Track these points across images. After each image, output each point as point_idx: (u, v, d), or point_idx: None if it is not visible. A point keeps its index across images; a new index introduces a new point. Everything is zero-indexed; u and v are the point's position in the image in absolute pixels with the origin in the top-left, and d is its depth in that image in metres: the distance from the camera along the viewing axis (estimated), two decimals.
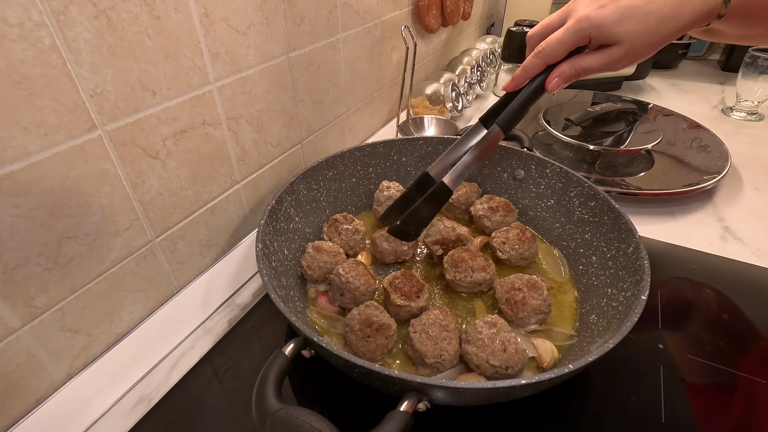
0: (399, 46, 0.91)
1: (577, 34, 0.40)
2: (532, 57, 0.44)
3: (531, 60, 0.44)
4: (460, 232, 0.55)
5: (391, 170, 0.69)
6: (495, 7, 1.60)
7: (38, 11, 0.32)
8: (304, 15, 0.59)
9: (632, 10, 0.38)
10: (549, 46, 0.42)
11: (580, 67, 0.43)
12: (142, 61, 0.40)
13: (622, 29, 0.39)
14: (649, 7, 0.38)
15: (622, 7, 0.38)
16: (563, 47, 0.42)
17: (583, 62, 0.42)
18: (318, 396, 0.44)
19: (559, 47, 0.42)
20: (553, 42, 0.42)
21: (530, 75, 0.45)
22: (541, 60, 0.43)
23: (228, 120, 0.52)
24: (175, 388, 0.44)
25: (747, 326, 0.51)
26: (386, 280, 0.48)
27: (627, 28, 0.39)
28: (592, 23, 0.39)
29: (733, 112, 1.04)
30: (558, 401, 0.42)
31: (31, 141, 0.34)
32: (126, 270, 0.44)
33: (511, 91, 0.47)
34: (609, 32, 0.39)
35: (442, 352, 0.41)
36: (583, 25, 0.40)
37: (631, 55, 0.40)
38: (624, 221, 0.49)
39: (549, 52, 0.42)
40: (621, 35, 0.39)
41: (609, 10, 0.39)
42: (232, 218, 0.57)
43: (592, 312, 0.48)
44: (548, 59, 0.43)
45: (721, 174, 0.72)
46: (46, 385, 0.40)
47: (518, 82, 0.46)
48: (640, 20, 0.38)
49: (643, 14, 0.38)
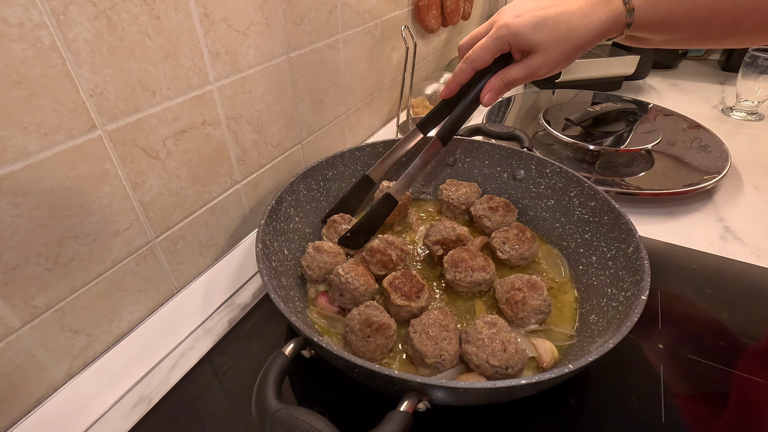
0: (399, 46, 0.91)
1: (498, 41, 0.44)
2: (461, 64, 0.47)
3: (460, 66, 0.48)
4: (460, 232, 0.55)
5: (391, 170, 0.69)
6: (495, 7, 1.60)
7: (38, 11, 0.32)
8: (304, 15, 0.59)
9: (544, 20, 0.41)
10: (475, 53, 0.46)
11: (507, 79, 0.46)
12: (142, 61, 0.40)
13: (536, 37, 0.42)
14: (559, 17, 0.41)
15: (535, 17, 0.42)
16: (487, 53, 0.45)
17: (509, 74, 0.46)
18: (318, 396, 0.44)
19: (483, 53, 0.45)
20: (478, 49, 0.45)
21: (461, 81, 0.48)
22: (468, 66, 0.47)
23: (228, 120, 0.52)
24: (175, 388, 0.44)
25: (747, 326, 0.51)
26: (386, 281, 0.48)
27: (540, 36, 0.42)
28: (510, 31, 0.43)
29: (733, 112, 1.04)
30: (558, 401, 0.42)
31: (31, 141, 0.34)
32: (126, 270, 0.44)
33: (445, 97, 0.51)
34: (525, 40, 0.42)
35: (442, 352, 0.41)
36: (502, 32, 0.43)
37: (549, 63, 0.43)
38: (624, 221, 0.49)
39: (474, 57, 0.46)
40: (536, 43, 0.42)
41: (524, 20, 0.42)
42: (232, 218, 0.57)
43: (592, 312, 0.48)
44: (475, 65, 0.47)
45: (721, 174, 0.72)
46: (46, 385, 0.40)
47: (451, 88, 0.50)
48: (551, 29, 0.42)
49: (554, 24, 0.41)
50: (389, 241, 0.53)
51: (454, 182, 0.66)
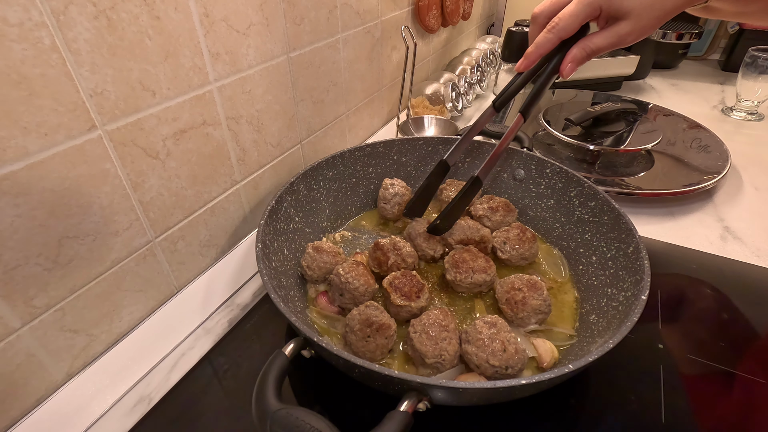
0: (399, 46, 0.91)
1: (589, 6, 0.41)
2: (546, 33, 0.44)
3: (545, 35, 0.44)
4: (484, 234, 0.56)
5: (391, 170, 0.69)
6: (495, 7, 1.60)
7: (38, 11, 0.32)
8: (304, 15, 0.59)
9: None
10: (563, 20, 0.43)
11: (590, 48, 0.43)
12: (142, 61, 0.40)
13: (629, 2, 0.40)
14: None
15: None
16: (577, 20, 0.42)
17: (592, 43, 0.43)
18: (318, 396, 0.44)
19: (573, 20, 0.42)
20: (567, 15, 0.42)
21: (544, 51, 0.45)
22: (554, 35, 0.43)
23: (228, 120, 0.52)
24: (175, 388, 0.44)
25: (747, 326, 0.51)
26: (386, 281, 0.48)
27: (634, 1, 0.39)
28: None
29: (733, 112, 1.04)
30: (558, 401, 0.42)
31: (31, 141, 0.34)
32: (126, 270, 0.44)
33: (524, 70, 0.48)
34: (618, 4, 0.40)
35: (442, 352, 0.41)
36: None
37: (638, 30, 0.41)
38: (624, 221, 0.49)
39: (563, 26, 0.43)
40: (629, 7, 0.40)
41: None
42: (232, 218, 0.57)
43: (592, 312, 0.48)
44: (562, 33, 0.43)
45: (721, 174, 0.72)
46: (46, 385, 0.40)
47: (532, 59, 0.46)
48: None
49: None
50: (396, 247, 0.53)
51: (455, 182, 0.66)
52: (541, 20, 0.46)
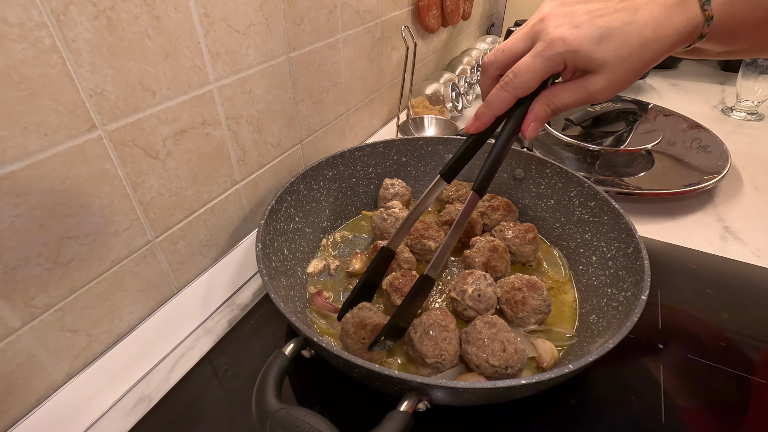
0: (399, 46, 0.91)
1: (550, 60, 0.34)
2: (499, 90, 0.37)
3: (497, 93, 0.37)
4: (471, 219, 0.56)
5: (391, 170, 0.69)
6: (495, 7, 1.60)
7: (38, 11, 0.32)
8: (304, 15, 0.59)
9: (611, 31, 0.33)
10: (519, 77, 0.35)
11: (555, 105, 0.37)
12: (142, 61, 0.40)
13: (601, 54, 0.33)
14: (629, 28, 0.33)
15: (599, 27, 0.33)
16: (535, 77, 0.35)
17: (558, 100, 0.36)
18: (318, 396, 0.44)
19: (531, 77, 0.35)
20: (523, 71, 0.35)
21: (498, 112, 0.38)
22: (509, 93, 0.36)
23: (228, 120, 0.52)
24: (175, 388, 0.44)
25: (747, 326, 0.51)
26: (386, 281, 0.48)
27: (607, 52, 0.33)
28: (567, 47, 0.33)
29: (733, 112, 1.04)
30: (558, 401, 0.42)
31: (31, 141, 0.34)
32: (126, 270, 0.44)
33: (475, 132, 0.41)
34: (586, 58, 0.33)
35: (442, 352, 0.41)
36: (558, 50, 0.33)
37: (612, 85, 0.35)
38: (624, 221, 0.49)
39: (519, 84, 0.35)
40: (600, 61, 0.33)
41: (585, 31, 0.33)
42: (232, 218, 0.57)
43: (592, 312, 0.48)
44: (518, 92, 0.36)
45: (721, 174, 0.72)
46: (46, 385, 0.40)
47: (484, 121, 0.39)
48: (620, 43, 0.33)
49: (624, 36, 0.33)
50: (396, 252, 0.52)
51: (455, 182, 0.66)
52: (492, 72, 0.39)
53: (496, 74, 0.39)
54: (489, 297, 0.47)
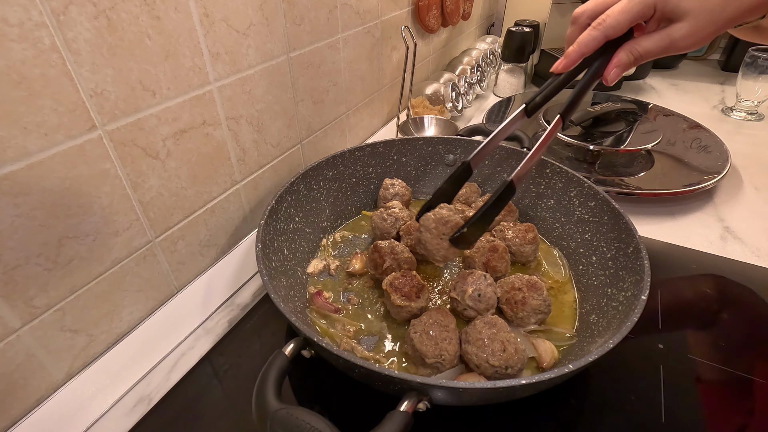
0: (399, 46, 0.91)
1: (642, 3, 0.37)
2: (591, 30, 0.39)
3: (589, 33, 0.39)
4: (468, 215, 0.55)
5: (392, 170, 0.69)
6: (495, 7, 1.60)
7: (38, 11, 0.32)
8: (304, 15, 0.59)
9: None
10: (612, 17, 0.38)
11: (637, 52, 0.39)
12: (142, 61, 0.40)
13: (688, 2, 0.36)
14: None
15: None
16: (627, 18, 0.38)
17: (640, 47, 0.39)
18: (318, 396, 0.44)
19: (623, 18, 0.38)
20: (617, 12, 0.38)
21: (587, 51, 0.41)
22: (601, 32, 0.39)
23: (228, 120, 0.52)
24: (175, 388, 0.44)
25: (747, 326, 0.51)
26: (386, 281, 0.48)
27: (693, 2, 0.36)
28: None
29: (733, 112, 1.04)
30: (558, 401, 0.42)
31: (31, 141, 0.34)
32: (126, 270, 0.44)
33: (563, 71, 0.43)
34: (675, 4, 0.36)
35: (442, 352, 0.41)
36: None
37: (693, 35, 0.37)
38: (624, 221, 0.49)
39: (611, 23, 0.38)
40: (687, 9, 0.36)
41: None
42: (232, 218, 0.57)
43: (592, 312, 0.48)
44: (609, 31, 0.39)
45: (721, 174, 0.72)
46: (46, 385, 0.40)
47: (573, 59, 0.41)
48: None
49: None
50: (394, 251, 0.52)
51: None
52: (582, 20, 0.42)
53: (586, 23, 0.41)
54: (489, 297, 0.47)
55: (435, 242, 0.46)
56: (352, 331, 0.48)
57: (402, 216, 0.59)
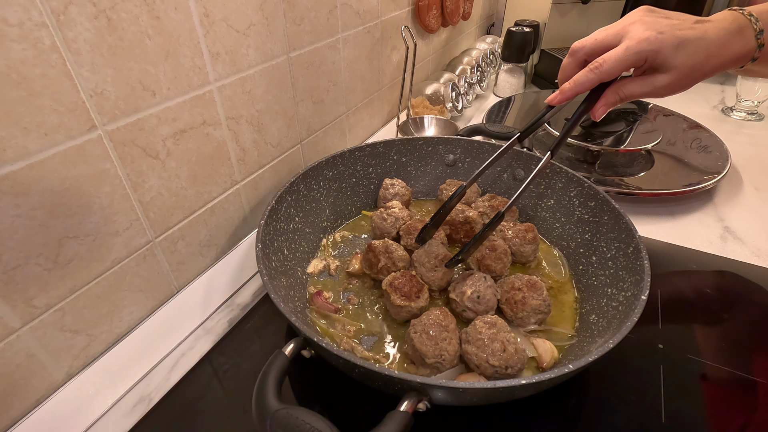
0: (399, 46, 0.91)
1: (637, 55, 0.41)
2: (588, 72, 0.43)
3: (586, 75, 0.43)
4: (468, 215, 0.57)
5: (392, 170, 0.69)
6: (495, 7, 1.60)
7: (38, 11, 0.32)
8: (304, 15, 0.59)
9: (686, 42, 0.40)
10: (608, 64, 0.42)
11: (623, 93, 0.43)
12: (142, 61, 0.40)
13: (676, 58, 0.40)
14: (700, 42, 0.40)
15: (678, 37, 0.40)
16: (621, 66, 0.41)
17: (626, 89, 0.43)
18: (318, 396, 0.44)
19: (618, 66, 0.41)
20: (613, 60, 0.41)
21: (581, 90, 0.44)
22: (597, 76, 0.43)
23: (228, 120, 0.52)
24: (175, 388, 0.44)
25: (747, 326, 0.51)
26: (386, 281, 0.48)
27: (681, 57, 0.40)
28: (652, 46, 0.40)
29: (733, 112, 1.04)
30: (558, 401, 0.42)
31: (31, 141, 0.34)
32: (126, 270, 0.44)
33: (557, 104, 0.47)
34: (664, 58, 0.40)
35: (442, 352, 0.41)
36: (644, 47, 0.40)
37: (675, 84, 0.42)
38: (624, 221, 0.49)
39: (607, 69, 0.42)
40: (674, 63, 0.40)
41: (667, 37, 0.40)
42: (232, 218, 0.57)
43: (592, 312, 0.48)
44: (604, 76, 0.42)
45: (721, 174, 0.72)
46: (46, 385, 0.40)
47: (567, 96, 0.45)
48: (692, 52, 0.40)
49: (695, 48, 0.40)
50: (388, 250, 0.52)
51: (454, 182, 0.66)
52: (580, 56, 0.45)
53: (583, 59, 0.45)
54: (488, 299, 0.47)
55: (430, 275, 0.51)
56: (352, 331, 0.48)
57: (402, 216, 0.59)
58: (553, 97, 0.46)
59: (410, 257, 0.54)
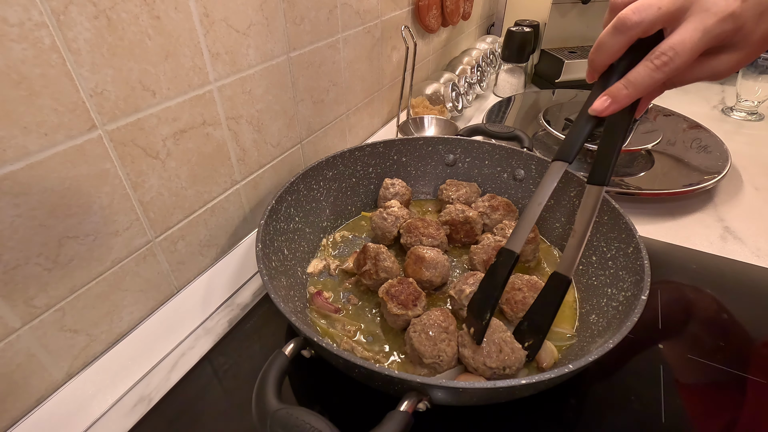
0: (399, 46, 0.91)
1: (716, 38, 0.30)
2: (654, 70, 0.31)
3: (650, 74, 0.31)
4: (468, 215, 0.57)
5: (392, 170, 0.69)
6: (495, 7, 1.60)
7: (38, 11, 0.32)
8: (304, 15, 0.59)
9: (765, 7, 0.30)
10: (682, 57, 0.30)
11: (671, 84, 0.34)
12: (142, 61, 0.40)
13: (756, 32, 0.30)
14: None
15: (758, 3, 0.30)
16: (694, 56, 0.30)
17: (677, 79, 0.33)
18: (318, 396, 0.44)
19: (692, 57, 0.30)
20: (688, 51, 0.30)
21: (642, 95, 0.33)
22: (665, 75, 0.31)
23: (228, 120, 0.52)
24: (175, 388, 0.44)
25: (747, 326, 0.51)
26: (382, 289, 0.48)
27: (761, 29, 0.30)
28: (736, 24, 0.29)
29: (733, 112, 1.04)
30: (558, 401, 0.42)
31: (31, 141, 0.34)
32: (126, 270, 0.44)
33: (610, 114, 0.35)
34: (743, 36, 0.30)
35: (440, 352, 0.41)
36: (728, 27, 0.29)
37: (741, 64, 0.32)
38: (624, 221, 0.49)
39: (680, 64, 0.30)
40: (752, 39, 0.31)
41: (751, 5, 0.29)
42: (232, 218, 0.57)
43: (592, 312, 0.48)
44: (672, 73, 0.31)
45: (721, 174, 0.72)
46: (46, 385, 0.40)
47: (622, 105, 0.34)
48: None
49: None
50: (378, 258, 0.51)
51: (454, 182, 0.66)
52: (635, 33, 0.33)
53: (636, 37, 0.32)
54: None
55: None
56: (352, 331, 0.48)
57: (402, 215, 0.59)
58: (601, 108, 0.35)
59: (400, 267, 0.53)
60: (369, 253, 0.51)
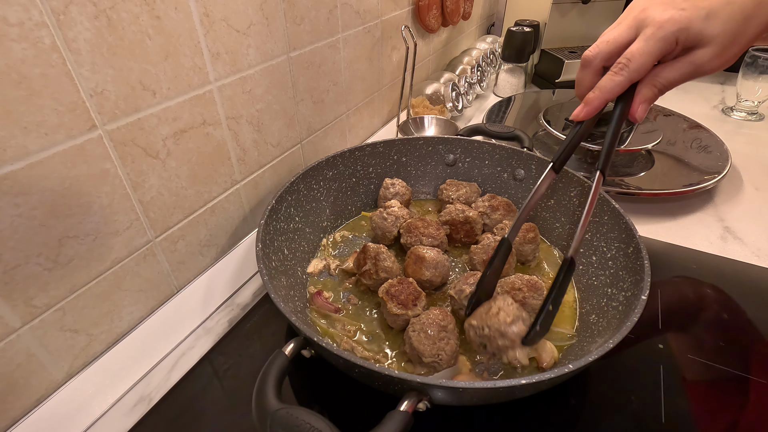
0: (399, 46, 0.91)
1: (663, 40, 0.36)
2: (614, 75, 0.38)
3: (613, 79, 0.38)
4: (468, 215, 0.58)
5: (392, 170, 0.69)
6: (495, 7, 1.60)
7: (38, 11, 0.32)
8: (304, 15, 0.59)
9: (714, 10, 0.35)
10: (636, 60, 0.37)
11: (661, 83, 0.38)
12: (142, 61, 0.40)
13: (710, 28, 0.35)
14: (730, 7, 0.35)
15: (703, 8, 0.35)
16: (650, 59, 0.37)
17: (663, 78, 0.38)
18: (318, 396, 0.44)
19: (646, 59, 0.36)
20: (638, 55, 0.36)
21: (611, 96, 0.39)
22: (625, 78, 0.38)
23: (228, 120, 0.52)
24: (175, 388, 0.44)
25: (747, 326, 0.51)
26: (382, 289, 0.48)
27: (716, 26, 0.35)
28: (679, 25, 0.35)
29: (734, 112, 1.04)
30: (558, 401, 0.42)
31: (31, 141, 0.34)
32: (126, 270, 0.44)
33: (584, 119, 0.41)
34: (697, 32, 0.35)
35: (439, 351, 0.41)
36: (670, 29, 0.35)
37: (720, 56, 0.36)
38: (624, 221, 0.49)
39: (635, 67, 0.37)
40: (711, 33, 0.35)
41: (691, 12, 0.35)
42: (232, 218, 0.57)
43: (592, 312, 0.48)
44: (633, 75, 0.37)
45: (721, 174, 0.72)
46: (46, 385, 0.40)
47: (596, 106, 0.40)
48: (727, 18, 0.35)
49: (728, 13, 0.35)
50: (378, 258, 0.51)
51: (454, 182, 0.66)
52: (596, 64, 0.40)
53: (601, 66, 0.40)
54: None
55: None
56: (352, 331, 0.48)
57: (402, 214, 0.59)
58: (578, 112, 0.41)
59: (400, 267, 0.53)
60: (369, 253, 0.51)
